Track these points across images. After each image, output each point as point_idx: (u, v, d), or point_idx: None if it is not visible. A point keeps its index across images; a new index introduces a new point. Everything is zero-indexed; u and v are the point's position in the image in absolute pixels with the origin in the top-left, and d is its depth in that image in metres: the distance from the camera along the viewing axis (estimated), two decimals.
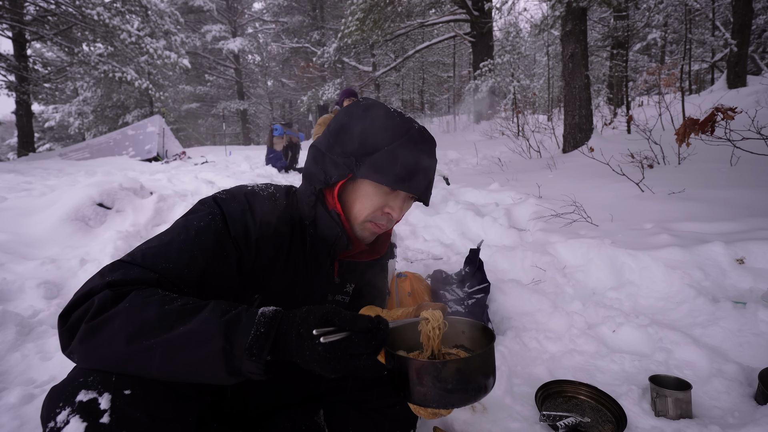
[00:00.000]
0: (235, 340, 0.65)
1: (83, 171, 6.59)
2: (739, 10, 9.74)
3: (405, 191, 0.91)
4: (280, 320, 0.69)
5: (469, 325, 0.96)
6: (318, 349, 0.65)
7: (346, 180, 0.91)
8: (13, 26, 10.81)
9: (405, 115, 0.93)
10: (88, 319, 0.67)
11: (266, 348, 0.66)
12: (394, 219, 0.94)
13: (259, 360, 0.65)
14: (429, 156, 0.92)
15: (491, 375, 0.82)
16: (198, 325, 0.66)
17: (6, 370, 1.61)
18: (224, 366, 0.65)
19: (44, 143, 25.54)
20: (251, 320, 0.67)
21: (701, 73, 15.65)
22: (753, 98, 6.42)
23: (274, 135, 7.55)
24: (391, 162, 0.87)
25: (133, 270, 0.75)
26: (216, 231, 0.84)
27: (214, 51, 22.88)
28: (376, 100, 0.97)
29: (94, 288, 0.71)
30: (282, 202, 0.96)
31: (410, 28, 14.23)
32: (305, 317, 0.69)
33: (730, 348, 1.62)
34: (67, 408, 0.64)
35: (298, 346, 0.67)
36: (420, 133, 0.91)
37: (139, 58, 11.48)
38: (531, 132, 8.15)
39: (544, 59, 17.62)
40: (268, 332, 0.67)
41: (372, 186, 0.90)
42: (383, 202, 0.92)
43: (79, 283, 2.27)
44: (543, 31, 7.13)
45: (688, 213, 2.72)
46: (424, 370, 0.77)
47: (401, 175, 0.88)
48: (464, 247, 3.02)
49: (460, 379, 0.77)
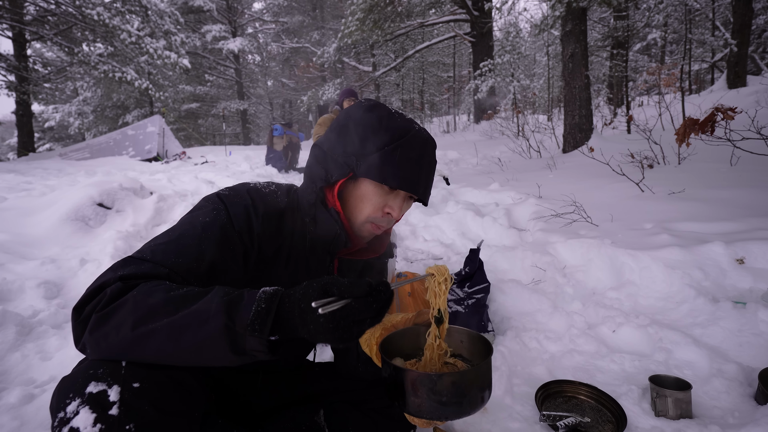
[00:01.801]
0: (237, 317, 0.66)
1: (83, 171, 6.59)
2: (739, 10, 9.74)
3: (404, 191, 0.92)
4: (281, 297, 0.70)
5: (468, 335, 0.95)
6: (320, 320, 0.65)
7: (347, 179, 0.92)
8: (13, 26, 10.81)
9: (406, 116, 0.95)
10: (99, 309, 0.70)
11: (268, 323, 0.66)
12: (394, 218, 0.95)
13: (261, 335, 0.66)
14: (429, 156, 0.94)
15: (487, 388, 0.81)
16: (201, 305, 0.68)
17: (6, 370, 1.61)
18: (228, 344, 0.66)
19: (44, 143, 25.55)
20: (252, 298, 0.68)
21: (701, 73, 15.65)
22: (753, 98, 6.42)
23: (274, 135, 7.55)
24: (391, 161, 0.88)
25: (144, 265, 0.77)
26: (221, 226, 0.87)
27: (214, 51, 22.86)
28: (377, 101, 0.98)
29: (106, 281, 0.74)
30: (283, 199, 0.98)
31: (410, 28, 14.23)
32: (305, 292, 0.69)
33: (730, 348, 1.62)
34: (78, 399, 0.65)
35: (302, 321, 0.67)
36: (420, 134, 0.92)
37: (139, 58, 11.48)
38: (531, 132, 8.15)
39: (544, 59, 17.62)
40: (269, 308, 0.67)
41: (372, 185, 0.91)
42: (383, 201, 0.93)
43: (79, 282, 2.27)
44: (543, 31, 7.14)
45: (688, 213, 2.72)
46: (419, 381, 0.76)
47: (401, 175, 0.89)
48: (464, 247, 3.02)
49: (455, 392, 0.76)
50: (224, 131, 16.20)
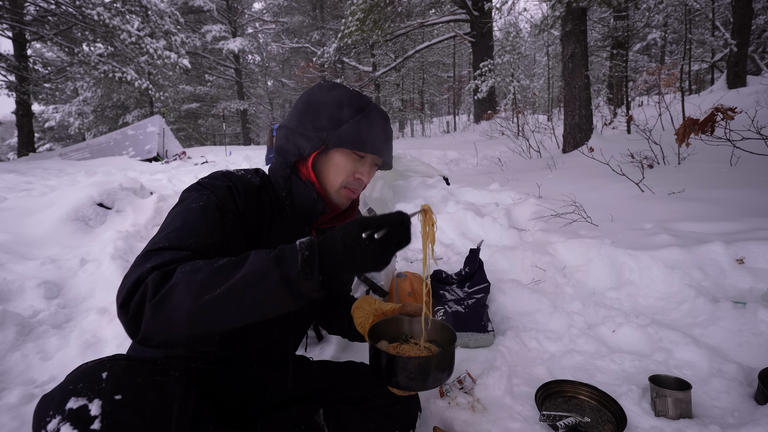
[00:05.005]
0: (289, 268, 0.74)
1: (83, 171, 6.59)
2: (739, 10, 9.75)
3: (372, 154, 1.06)
4: (319, 242, 0.78)
5: (443, 326, 1.14)
6: (371, 248, 0.76)
7: (319, 152, 1.03)
8: (13, 26, 10.81)
9: (362, 93, 1.08)
10: (150, 298, 0.71)
11: (316, 266, 0.75)
12: (364, 183, 1.09)
13: (313, 277, 0.74)
14: (387, 125, 1.09)
15: (447, 370, 1.00)
16: (251, 267, 0.74)
17: (6, 370, 1.61)
18: (287, 291, 0.74)
19: (44, 143, 25.55)
20: (294, 249, 0.76)
21: (701, 73, 15.65)
22: (753, 98, 6.42)
23: (274, 135, 7.55)
24: (358, 131, 1.01)
25: (166, 253, 0.79)
26: (216, 206, 0.92)
27: (214, 51, 22.86)
28: (334, 81, 1.11)
29: (141, 275, 0.74)
30: (255, 179, 1.05)
31: (410, 28, 14.24)
32: (345, 232, 0.78)
33: (730, 348, 1.62)
34: (58, 416, 0.63)
35: (348, 254, 0.76)
36: (377, 108, 1.07)
37: (139, 58, 11.46)
38: (531, 132, 8.15)
39: (544, 59, 17.62)
40: (312, 253, 0.75)
41: (343, 154, 1.04)
42: (354, 168, 1.05)
43: (79, 282, 2.27)
44: (543, 31, 7.14)
45: (688, 213, 2.72)
46: (393, 361, 0.96)
47: (369, 141, 1.03)
48: (464, 247, 3.02)
49: (420, 372, 0.95)
50: (224, 131, 16.19)
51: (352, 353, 1.82)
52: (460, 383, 1.50)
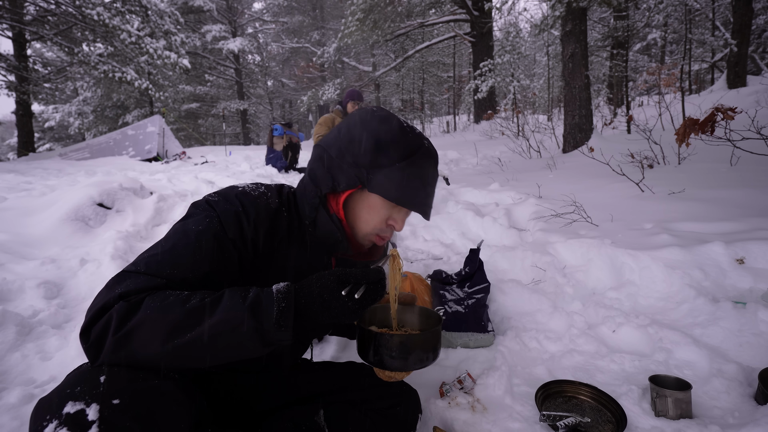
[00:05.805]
0: (264, 318, 0.73)
1: (83, 171, 6.59)
2: (739, 10, 9.75)
3: (413, 211, 0.97)
4: (295, 293, 0.78)
5: (428, 313, 1.16)
6: (348, 305, 0.78)
7: (354, 190, 0.95)
8: (13, 26, 10.81)
9: (416, 130, 0.97)
10: (114, 332, 0.69)
11: (290, 318, 0.75)
12: (397, 230, 1.01)
13: (287, 329, 0.75)
14: (434, 173, 0.99)
15: (431, 351, 1.00)
16: (225, 314, 0.73)
17: (6, 370, 1.61)
18: (260, 341, 0.74)
19: (44, 143, 25.55)
20: (270, 298, 0.76)
21: (701, 73, 15.66)
22: (753, 98, 6.42)
23: (274, 135, 7.54)
24: (400, 181, 0.91)
25: (140, 278, 0.77)
26: (215, 234, 0.86)
27: (214, 51, 22.86)
28: (389, 111, 0.99)
29: (107, 302, 0.72)
30: (275, 200, 0.98)
31: (410, 28, 14.24)
32: (323, 284, 0.79)
33: (730, 348, 1.61)
34: (54, 421, 0.62)
35: (324, 307, 0.78)
36: (429, 151, 0.96)
37: (139, 58, 11.46)
38: (531, 132, 8.16)
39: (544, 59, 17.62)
40: (288, 305, 0.76)
41: (379, 200, 0.94)
42: (388, 214, 0.97)
43: (79, 282, 2.27)
44: (543, 31, 7.14)
45: (688, 213, 2.72)
46: (376, 339, 0.96)
47: (410, 193, 0.93)
48: (464, 247, 3.02)
49: (401, 350, 0.96)
50: (224, 131, 16.18)
51: (352, 353, 1.82)
52: (460, 383, 1.50)
